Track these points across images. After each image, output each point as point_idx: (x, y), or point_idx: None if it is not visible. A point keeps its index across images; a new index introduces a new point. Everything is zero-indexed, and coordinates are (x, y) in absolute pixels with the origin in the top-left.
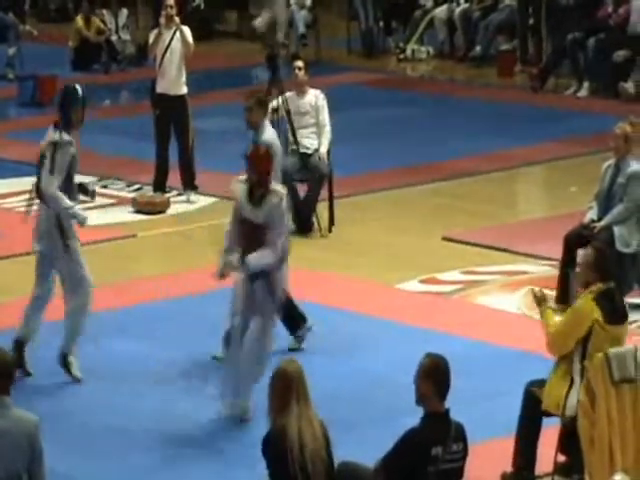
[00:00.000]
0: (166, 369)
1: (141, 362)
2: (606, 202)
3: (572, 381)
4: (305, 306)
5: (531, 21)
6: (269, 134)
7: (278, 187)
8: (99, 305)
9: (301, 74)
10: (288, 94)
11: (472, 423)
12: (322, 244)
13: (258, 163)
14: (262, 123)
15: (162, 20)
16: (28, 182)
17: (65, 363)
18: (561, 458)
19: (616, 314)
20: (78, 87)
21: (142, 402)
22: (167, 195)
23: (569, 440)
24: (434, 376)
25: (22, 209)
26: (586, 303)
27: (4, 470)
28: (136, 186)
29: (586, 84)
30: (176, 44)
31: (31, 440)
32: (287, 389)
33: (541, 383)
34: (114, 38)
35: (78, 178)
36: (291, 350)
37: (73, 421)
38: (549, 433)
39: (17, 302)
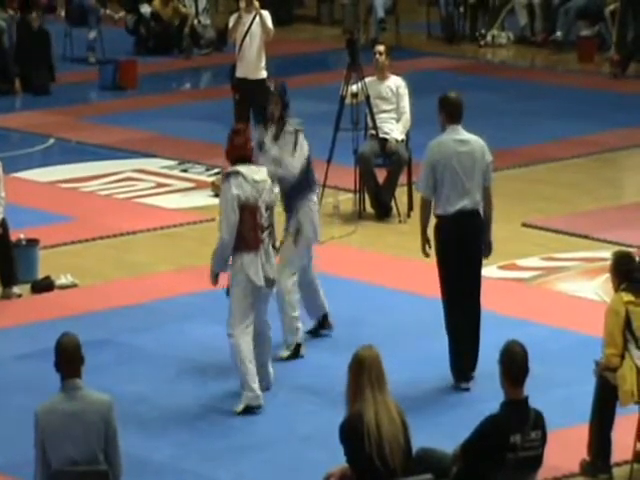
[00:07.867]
0: None
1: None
2: None
3: (637, 369)
4: (383, 291)
5: (612, 7)
6: None
7: None
8: (179, 289)
9: (382, 59)
10: (368, 79)
11: (550, 410)
12: (401, 229)
13: None
14: None
15: (242, 4)
16: (107, 166)
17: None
18: None
19: None
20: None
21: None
22: None
23: None
24: (505, 363)
25: (102, 193)
26: (615, 297)
27: (78, 452)
28: (215, 170)
29: None
30: (256, 28)
31: (105, 421)
32: (361, 374)
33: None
34: (194, 22)
35: (157, 162)
36: None
37: None
38: (628, 420)
39: (95, 287)
